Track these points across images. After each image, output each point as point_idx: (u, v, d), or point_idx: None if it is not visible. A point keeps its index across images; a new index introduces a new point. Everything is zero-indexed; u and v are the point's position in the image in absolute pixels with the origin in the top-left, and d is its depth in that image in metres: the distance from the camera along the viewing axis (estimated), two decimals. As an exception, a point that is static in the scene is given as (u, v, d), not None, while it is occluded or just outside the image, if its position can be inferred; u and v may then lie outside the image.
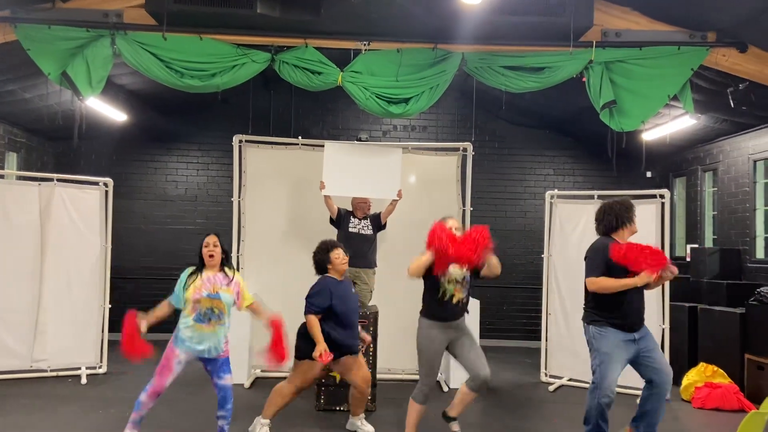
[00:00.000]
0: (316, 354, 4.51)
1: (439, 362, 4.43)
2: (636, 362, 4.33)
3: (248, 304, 4.44)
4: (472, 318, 6.59)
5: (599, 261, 4.26)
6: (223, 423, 4.40)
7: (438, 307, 4.31)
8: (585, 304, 4.42)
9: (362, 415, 5.04)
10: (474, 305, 6.67)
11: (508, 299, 9.52)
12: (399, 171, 6.42)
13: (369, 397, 5.22)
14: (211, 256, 4.30)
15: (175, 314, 4.36)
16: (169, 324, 4.38)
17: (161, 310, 4.34)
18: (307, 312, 4.64)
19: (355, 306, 4.90)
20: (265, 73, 6.08)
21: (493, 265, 4.27)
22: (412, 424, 4.45)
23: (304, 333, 4.68)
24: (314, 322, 4.58)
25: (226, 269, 4.38)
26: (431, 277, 4.33)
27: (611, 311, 4.24)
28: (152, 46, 5.48)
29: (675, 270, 4.25)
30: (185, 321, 4.27)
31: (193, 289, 4.24)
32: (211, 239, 4.36)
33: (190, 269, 4.36)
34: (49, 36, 5.37)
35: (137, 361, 4.28)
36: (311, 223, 6.72)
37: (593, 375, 4.29)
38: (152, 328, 4.34)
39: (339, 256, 4.79)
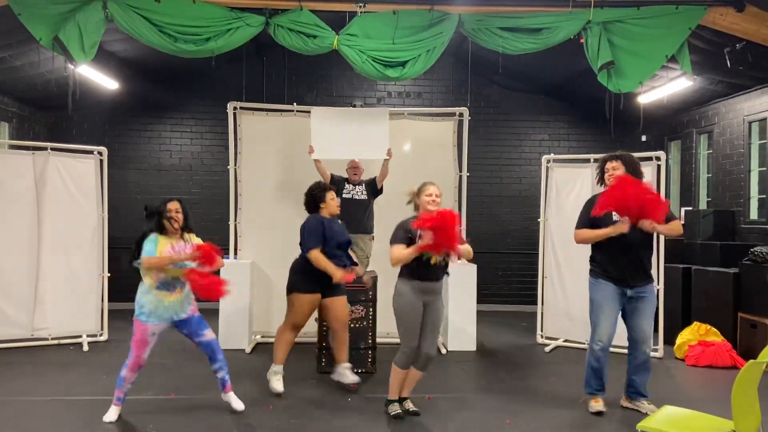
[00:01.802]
0: (337, 280, 4.74)
1: (419, 325, 4.31)
2: (623, 317, 4.50)
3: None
4: (468, 283, 6.72)
5: (584, 214, 4.48)
6: (222, 374, 4.46)
7: (417, 268, 4.24)
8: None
9: (346, 363, 5.04)
10: (471, 271, 6.75)
11: (504, 264, 9.59)
12: (387, 131, 6.42)
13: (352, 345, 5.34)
14: (175, 222, 4.25)
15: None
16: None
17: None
18: (307, 251, 4.81)
19: (345, 243, 5.01)
20: (257, 40, 6.00)
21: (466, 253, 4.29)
22: (395, 387, 4.46)
23: (295, 268, 4.93)
24: (318, 255, 4.79)
25: (186, 235, 4.34)
26: (411, 242, 4.25)
27: (604, 264, 4.44)
28: (145, 10, 5.39)
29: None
30: (145, 290, 4.25)
31: (160, 257, 4.18)
32: (173, 205, 4.31)
33: (156, 236, 4.24)
34: (40, 0, 5.26)
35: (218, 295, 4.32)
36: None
37: (591, 324, 4.50)
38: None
39: (334, 198, 5.03)
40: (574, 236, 4.55)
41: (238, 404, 4.51)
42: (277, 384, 4.94)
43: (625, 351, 4.68)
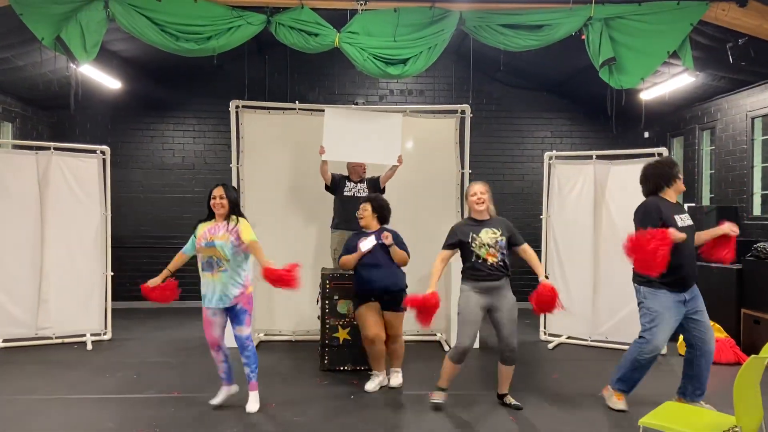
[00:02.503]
0: (356, 258, 5.19)
1: (473, 323, 4.52)
2: (682, 324, 4.45)
3: (247, 241, 4.42)
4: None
5: (650, 220, 4.28)
6: (247, 371, 4.58)
7: (470, 270, 4.52)
8: None
9: (397, 369, 5.30)
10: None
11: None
12: (399, 136, 6.39)
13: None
14: (219, 207, 4.48)
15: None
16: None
17: (175, 261, 4.59)
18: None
19: (378, 261, 5.15)
20: (259, 38, 6.00)
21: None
22: (445, 378, 4.68)
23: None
24: (343, 259, 5.27)
25: (231, 218, 4.49)
26: (464, 245, 4.52)
27: (666, 272, 4.19)
28: (146, 9, 5.39)
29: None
30: (201, 273, 4.49)
31: (197, 239, 4.47)
32: (218, 191, 4.52)
33: (199, 222, 4.58)
34: (41, 0, 5.27)
35: (172, 298, 4.56)
36: (309, 187, 6.74)
37: (644, 332, 4.42)
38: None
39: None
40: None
41: (252, 405, 4.54)
42: (368, 384, 5.16)
43: (625, 347, 4.66)
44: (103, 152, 6.99)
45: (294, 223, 6.95)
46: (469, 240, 4.49)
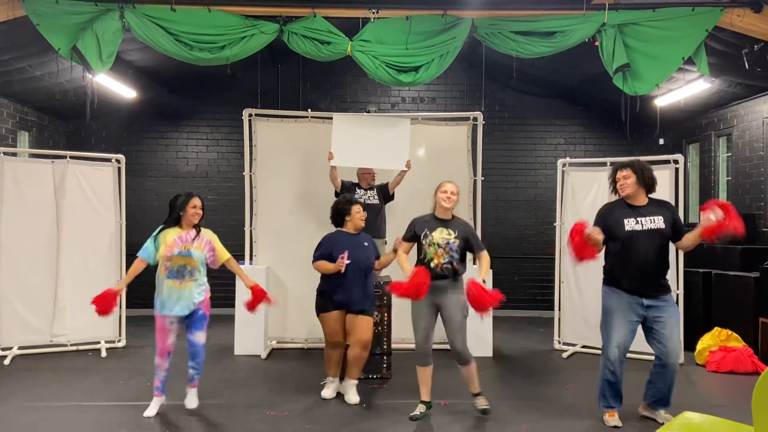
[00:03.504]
0: (332, 269, 4.80)
1: (424, 323, 4.48)
2: (645, 329, 4.37)
3: (224, 260, 4.63)
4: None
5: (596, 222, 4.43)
6: (192, 373, 4.64)
7: (419, 265, 4.43)
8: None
9: (354, 381, 5.02)
10: (487, 276, 6.69)
11: (520, 270, 9.52)
12: (408, 141, 6.39)
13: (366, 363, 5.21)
14: (194, 216, 4.49)
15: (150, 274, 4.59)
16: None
17: (133, 267, 4.55)
18: (313, 263, 4.98)
19: (364, 259, 4.95)
20: (272, 47, 6.04)
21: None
22: (420, 387, 4.62)
23: (319, 290, 4.99)
24: (318, 264, 4.94)
25: (201, 229, 4.56)
26: (418, 240, 4.52)
27: (614, 273, 4.35)
28: (161, 19, 5.46)
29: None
30: (159, 279, 4.49)
31: (164, 247, 4.43)
32: (197, 201, 4.56)
33: (161, 227, 4.56)
34: (57, 10, 5.35)
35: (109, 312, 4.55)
36: (321, 195, 6.74)
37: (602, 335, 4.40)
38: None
39: (359, 210, 5.03)
40: None
41: (192, 402, 4.64)
42: (325, 391, 5.07)
43: (643, 357, 4.59)
44: (118, 161, 7.05)
45: (306, 230, 6.95)
46: (422, 236, 4.47)
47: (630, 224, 4.28)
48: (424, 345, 4.50)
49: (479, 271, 4.51)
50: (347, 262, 4.79)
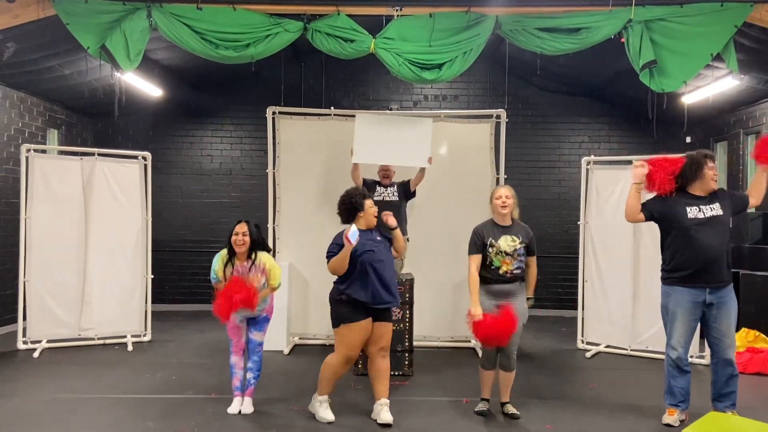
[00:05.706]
0: (345, 250, 4.24)
1: None
2: (702, 324, 4.38)
3: (275, 285, 4.63)
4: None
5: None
6: (249, 375, 4.67)
7: (483, 273, 4.46)
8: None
9: (385, 400, 4.40)
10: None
11: (543, 268, 9.35)
12: (429, 139, 6.38)
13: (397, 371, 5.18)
14: (240, 245, 4.47)
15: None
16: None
17: None
18: (328, 266, 4.39)
19: (383, 251, 4.45)
20: (295, 45, 6.08)
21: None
22: (482, 386, 4.70)
23: (333, 299, 4.43)
24: (332, 261, 4.35)
25: (254, 255, 4.52)
26: (484, 252, 4.46)
27: (676, 265, 4.28)
28: (187, 17, 5.52)
29: None
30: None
31: (224, 279, 4.50)
32: (241, 228, 4.51)
33: (222, 254, 4.55)
34: (86, 9, 5.44)
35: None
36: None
37: (667, 335, 4.39)
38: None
39: (372, 205, 4.50)
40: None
41: (248, 408, 4.59)
42: (326, 413, 4.44)
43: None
44: (144, 158, 7.16)
45: (329, 228, 6.91)
46: (488, 244, 4.44)
47: (694, 211, 4.27)
48: (489, 348, 4.54)
49: (529, 287, 4.59)
50: (356, 233, 4.22)
